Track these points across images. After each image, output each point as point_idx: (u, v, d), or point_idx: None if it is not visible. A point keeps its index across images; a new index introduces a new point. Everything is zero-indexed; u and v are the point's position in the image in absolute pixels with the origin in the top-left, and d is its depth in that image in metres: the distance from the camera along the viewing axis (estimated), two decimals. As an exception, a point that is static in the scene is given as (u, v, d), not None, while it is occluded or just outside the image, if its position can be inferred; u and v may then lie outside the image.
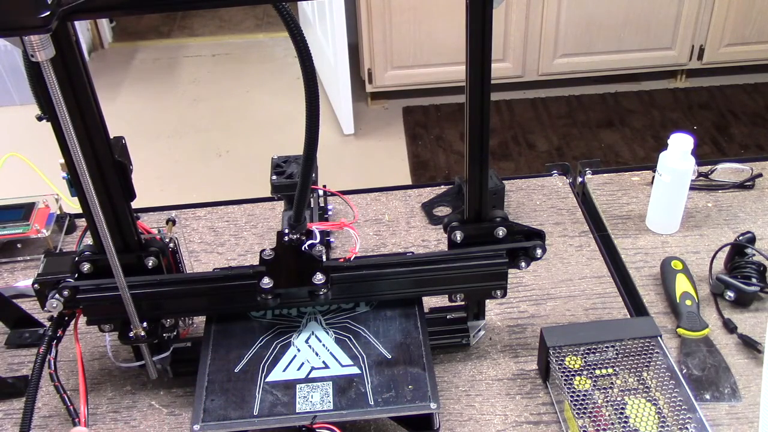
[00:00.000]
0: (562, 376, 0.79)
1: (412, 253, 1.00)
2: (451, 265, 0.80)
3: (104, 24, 3.69)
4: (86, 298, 0.78)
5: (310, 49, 0.71)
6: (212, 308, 0.83)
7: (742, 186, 1.15)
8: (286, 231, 0.80)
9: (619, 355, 0.81)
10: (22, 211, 1.08)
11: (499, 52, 2.96)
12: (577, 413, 0.75)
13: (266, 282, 0.77)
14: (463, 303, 0.85)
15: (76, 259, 0.78)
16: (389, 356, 0.78)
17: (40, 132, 0.91)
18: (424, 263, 0.81)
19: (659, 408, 0.75)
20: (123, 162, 0.74)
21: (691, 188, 1.09)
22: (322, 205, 1.07)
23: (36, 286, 0.77)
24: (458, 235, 0.80)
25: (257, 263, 0.79)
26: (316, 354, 0.79)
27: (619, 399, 0.76)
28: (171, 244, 0.83)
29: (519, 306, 0.96)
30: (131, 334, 0.79)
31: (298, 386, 0.76)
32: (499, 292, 0.83)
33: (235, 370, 0.78)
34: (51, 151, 0.73)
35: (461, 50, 0.69)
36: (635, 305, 0.96)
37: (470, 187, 0.78)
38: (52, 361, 0.78)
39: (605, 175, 1.19)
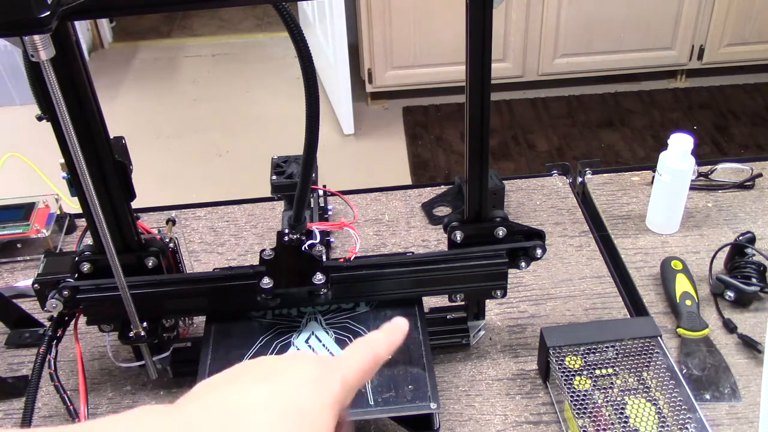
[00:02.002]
0: (562, 376, 0.79)
1: (412, 253, 1.00)
2: (451, 265, 0.80)
3: (104, 24, 3.69)
4: (86, 298, 0.78)
5: (310, 49, 0.71)
6: (212, 308, 0.83)
7: (742, 186, 1.15)
8: (286, 231, 0.80)
9: (619, 355, 0.81)
10: (22, 211, 1.08)
11: (499, 52, 2.96)
12: (577, 413, 0.75)
13: (266, 282, 0.77)
14: (463, 303, 0.85)
15: (76, 259, 0.78)
16: (389, 356, 0.78)
17: (40, 132, 0.91)
18: (424, 263, 0.81)
19: (659, 408, 0.75)
20: (123, 162, 0.74)
21: (691, 188, 1.09)
22: (322, 205, 1.07)
23: (36, 286, 0.77)
24: (458, 235, 0.80)
25: (257, 263, 0.79)
26: (317, 354, 0.79)
27: (619, 399, 0.76)
28: (171, 244, 0.83)
29: (519, 306, 0.96)
30: (131, 334, 0.79)
31: (298, 386, 0.76)
32: (499, 292, 0.83)
33: (235, 370, 0.78)
34: (51, 151, 0.73)
35: (461, 50, 0.69)
36: (635, 305, 0.96)
37: (470, 187, 0.78)
38: (52, 361, 0.78)
39: (605, 175, 1.19)
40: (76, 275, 0.78)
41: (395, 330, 0.58)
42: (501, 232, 0.80)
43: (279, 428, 0.44)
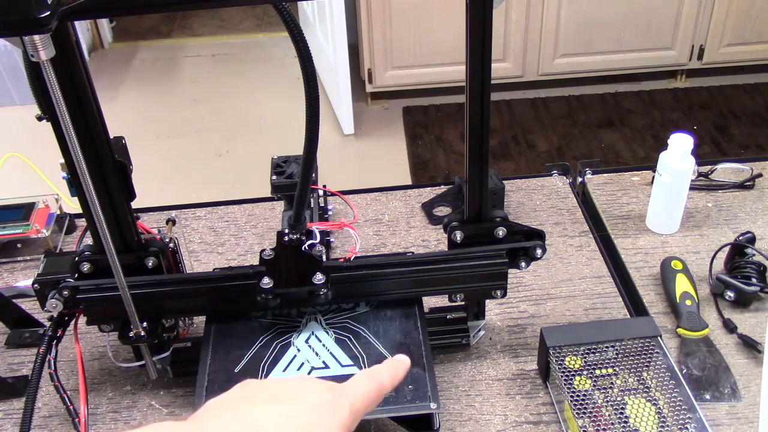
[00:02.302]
0: (562, 376, 0.79)
1: (412, 253, 1.00)
2: (451, 265, 0.80)
3: (104, 24, 3.69)
4: (86, 298, 0.78)
5: (310, 49, 0.71)
6: (212, 308, 0.83)
7: (742, 186, 1.15)
8: (286, 231, 0.80)
9: (619, 355, 0.81)
10: (22, 211, 1.08)
11: (499, 52, 2.96)
12: (577, 413, 0.75)
13: (266, 282, 0.77)
14: (463, 303, 0.85)
15: (76, 259, 0.78)
16: (389, 356, 0.78)
17: (40, 132, 0.91)
18: (424, 263, 0.81)
19: (659, 408, 0.75)
20: (123, 162, 0.74)
21: (691, 188, 1.09)
22: (322, 205, 1.07)
23: (36, 286, 0.77)
24: (458, 235, 0.80)
25: (257, 263, 0.79)
26: (316, 354, 0.79)
27: (619, 399, 0.76)
28: (171, 244, 0.83)
29: (519, 306, 0.96)
30: (131, 334, 0.79)
31: (298, 386, 0.76)
32: (499, 292, 0.83)
33: (235, 370, 0.78)
34: (51, 151, 0.73)
35: (461, 50, 0.69)
36: (635, 305, 0.96)
37: (470, 187, 0.78)
38: (52, 361, 0.78)
39: (605, 175, 1.19)
40: (76, 275, 0.78)
41: (398, 365, 0.61)
42: (501, 232, 0.80)
43: None
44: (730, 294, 0.94)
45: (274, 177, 1.00)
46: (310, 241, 0.79)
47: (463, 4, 0.67)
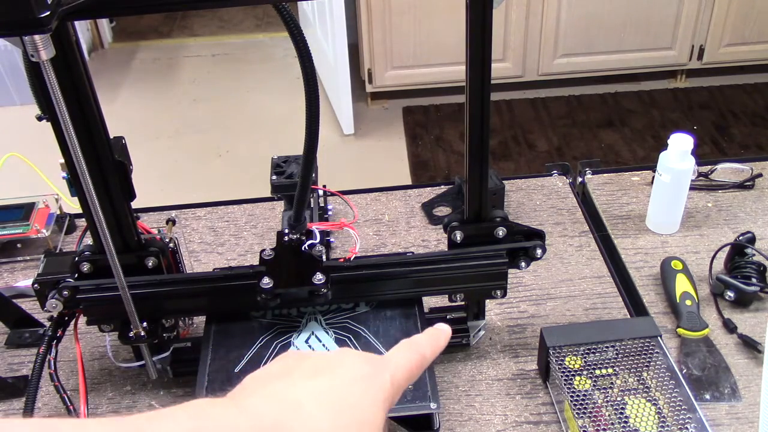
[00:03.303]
0: (562, 376, 0.79)
1: (412, 253, 1.00)
2: (451, 265, 0.80)
3: (104, 24, 3.69)
4: (86, 298, 0.78)
5: (310, 49, 0.71)
6: (212, 308, 0.83)
7: (742, 186, 1.15)
8: (286, 231, 0.80)
9: (619, 355, 0.81)
10: (22, 211, 1.08)
11: (499, 52, 2.96)
12: (577, 413, 0.75)
13: (266, 282, 0.77)
14: (463, 303, 0.85)
15: (76, 259, 0.78)
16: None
17: (40, 132, 0.91)
18: (424, 263, 0.81)
19: (659, 408, 0.75)
20: (123, 162, 0.74)
21: (691, 188, 1.09)
22: (322, 205, 1.07)
23: (36, 286, 0.77)
24: (458, 235, 0.80)
25: (257, 263, 0.79)
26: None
27: (619, 399, 0.76)
28: (171, 244, 0.83)
29: (519, 306, 0.96)
30: (131, 334, 0.79)
31: (298, 386, 0.76)
32: (499, 292, 0.83)
33: (235, 370, 0.78)
34: (51, 151, 0.73)
35: (461, 50, 0.69)
36: (635, 305, 0.96)
37: (470, 187, 0.78)
38: (52, 361, 0.78)
39: (605, 175, 1.19)
40: (76, 275, 0.78)
41: (439, 334, 0.59)
42: (501, 232, 0.80)
43: (335, 422, 0.45)
44: (730, 294, 0.94)
45: (274, 177, 1.00)
46: (310, 241, 0.79)
47: (463, 4, 0.67)
